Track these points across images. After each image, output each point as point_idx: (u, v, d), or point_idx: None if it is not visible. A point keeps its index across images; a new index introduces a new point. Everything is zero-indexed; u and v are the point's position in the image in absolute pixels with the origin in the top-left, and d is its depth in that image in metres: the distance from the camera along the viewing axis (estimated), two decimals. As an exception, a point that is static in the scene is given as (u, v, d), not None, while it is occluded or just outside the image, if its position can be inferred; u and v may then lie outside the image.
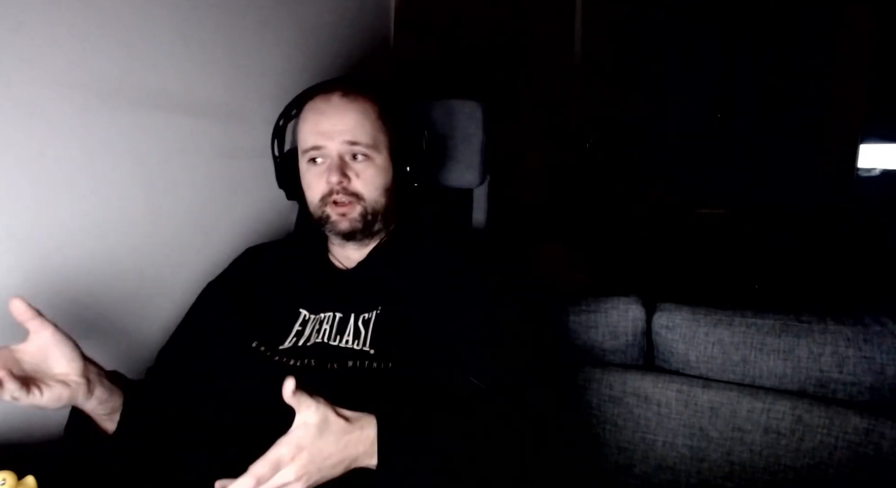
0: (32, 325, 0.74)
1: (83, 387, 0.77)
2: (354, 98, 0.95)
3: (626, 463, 1.12)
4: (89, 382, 0.78)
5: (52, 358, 0.75)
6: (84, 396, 0.77)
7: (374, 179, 0.95)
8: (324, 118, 0.94)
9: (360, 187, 0.94)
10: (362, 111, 0.94)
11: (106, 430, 0.84)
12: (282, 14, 1.32)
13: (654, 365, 1.17)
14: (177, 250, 1.15)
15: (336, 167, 0.92)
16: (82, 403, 0.78)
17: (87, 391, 0.77)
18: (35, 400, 0.72)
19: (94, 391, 0.78)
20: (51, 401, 0.73)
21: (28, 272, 0.92)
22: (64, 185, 0.96)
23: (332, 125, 0.93)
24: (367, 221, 0.95)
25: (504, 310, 0.91)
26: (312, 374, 0.86)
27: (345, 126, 0.93)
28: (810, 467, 1.01)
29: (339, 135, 0.92)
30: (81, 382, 0.76)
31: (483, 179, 1.21)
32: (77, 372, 0.76)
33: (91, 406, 0.80)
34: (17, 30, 0.87)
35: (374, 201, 0.95)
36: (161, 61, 1.07)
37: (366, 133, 0.94)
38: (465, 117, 1.19)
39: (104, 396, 0.80)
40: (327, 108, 0.94)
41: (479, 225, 1.23)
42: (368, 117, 0.94)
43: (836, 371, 1.03)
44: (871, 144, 3.14)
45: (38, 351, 0.75)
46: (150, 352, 1.01)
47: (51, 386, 0.73)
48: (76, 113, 0.96)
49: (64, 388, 0.75)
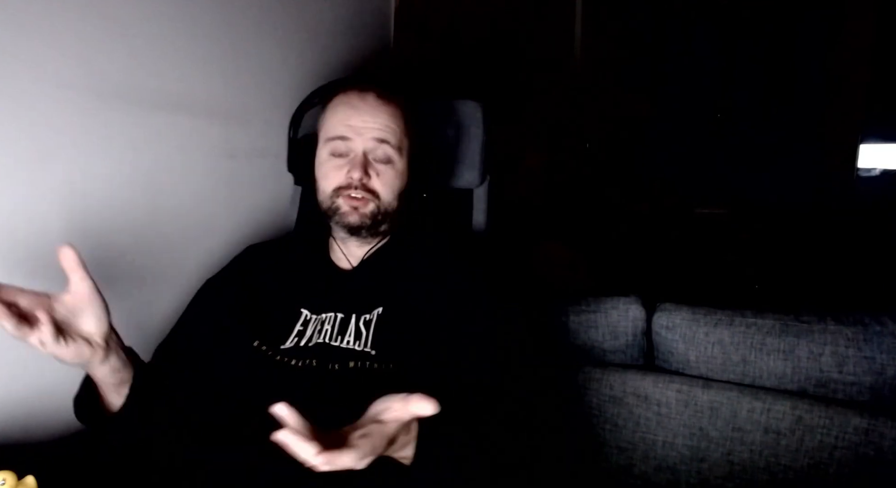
0: (75, 277, 0.75)
1: (101, 351, 0.78)
2: (389, 101, 0.97)
3: (626, 463, 1.12)
4: (107, 348, 0.79)
5: (84, 314, 0.77)
6: (100, 360, 0.78)
7: (392, 182, 0.96)
8: (357, 113, 0.95)
9: (378, 186, 0.95)
10: (394, 115, 0.97)
11: (110, 403, 0.85)
12: (282, 14, 1.32)
13: (654, 365, 1.17)
14: (177, 250, 1.15)
15: (360, 163, 0.94)
16: (96, 367, 0.80)
17: (104, 355, 0.79)
18: (59, 350, 0.73)
19: (110, 358, 0.80)
20: (72, 355, 0.75)
21: (28, 271, 0.92)
22: (64, 185, 0.96)
23: (364, 122, 0.94)
24: (377, 220, 0.96)
25: (504, 311, 0.92)
26: (313, 375, 0.86)
27: (376, 124, 0.95)
28: (810, 467, 1.01)
29: (370, 131, 0.94)
30: (102, 345, 0.78)
31: (483, 179, 1.21)
32: (101, 334, 0.78)
33: (103, 372, 0.81)
34: (18, 30, 0.87)
35: (388, 203, 0.96)
36: (161, 61, 1.07)
37: (394, 135, 0.96)
38: (465, 117, 1.19)
39: (117, 365, 0.82)
40: (362, 104, 0.96)
41: (480, 225, 1.23)
42: (398, 122, 0.97)
43: (836, 371, 1.03)
44: (871, 144, 3.14)
45: (73, 304, 0.76)
46: (148, 350, 1.01)
47: (76, 340, 0.75)
48: (76, 113, 0.96)
49: (86, 346, 0.76)
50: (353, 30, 1.57)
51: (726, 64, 3.51)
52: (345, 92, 0.99)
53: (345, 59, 1.52)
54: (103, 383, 0.83)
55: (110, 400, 0.85)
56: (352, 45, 1.55)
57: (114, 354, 0.81)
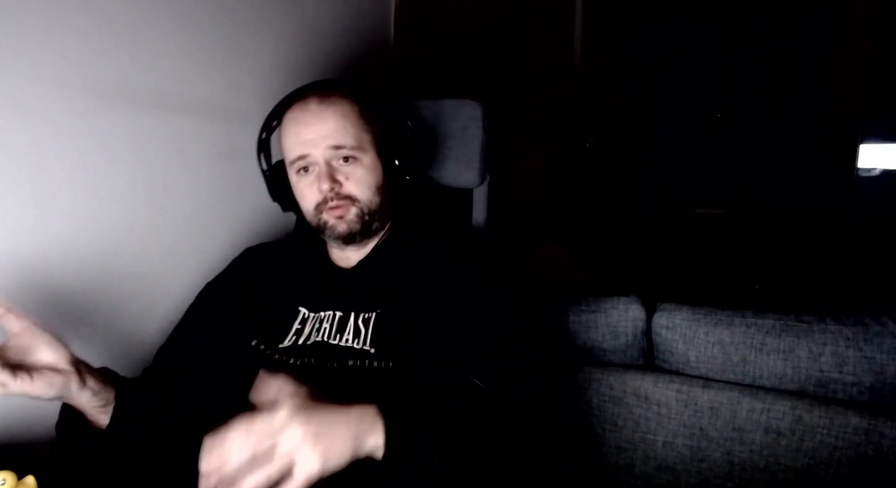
0: (8, 322, 0.74)
1: (75, 377, 0.76)
2: (331, 101, 0.93)
3: (626, 463, 1.12)
4: (80, 372, 0.77)
5: (36, 349, 0.74)
6: (77, 386, 0.76)
7: (365, 179, 0.94)
8: (304, 126, 0.92)
9: (352, 189, 0.93)
10: (341, 113, 0.93)
11: (100, 425, 0.83)
12: (282, 14, 1.32)
13: (654, 365, 1.17)
14: (176, 250, 1.15)
15: (325, 174, 0.91)
16: (77, 394, 0.77)
17: (79, 380, 0.76)
18: (25, 387, 0.70)
19: (87, 381, 0.78)
20: (43, 388, 0.72)
21: (28, 272, 0.92)
22: (64, 185, 0.96)
23: (314, 132, 0.92)
24: (365, 222, 0.95)
25: (504, 310, 0.91)
26: (312, 373, 0.86)
27: (326, 131, 0.91)
28: (810, 467, 1.01)
29: (322, 140, 0.91)
30: (72, 370, 0.75)
31: (483, 179, 1.21)
32: (65, 360, 0.75)
33: (86, 397, 0.79)
34: (18, 30, 0.87)
35: (368, 201, 0.95)
36: (161, 61, 1.07)
37: (348, 135, 0.92)
38: (465, 117, 1.19)
39: (97, 387, 0.79)
40: (305, 115, 0.93)
41: (479, 225, 1.23)
42: (349, 118, 0.93)
43: (836, 371, 1.03)
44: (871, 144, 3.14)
45: (19, 345, 0.74)
46: (148, 352, 1.01)
47: (42, 372, 0.72)
48: (76, 113, 0.96)
49: (55, 375, 0.74)
50: (353, 30, 1.57)
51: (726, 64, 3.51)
52: (289, 108, 0.96)
53: (345, 59, 1.52)
54: (88, 408, 0.81)
55: (99, 422, 0.83)
56: (352, 45, 1.55)
57: (89, 377, 0.78)
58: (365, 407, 0.68)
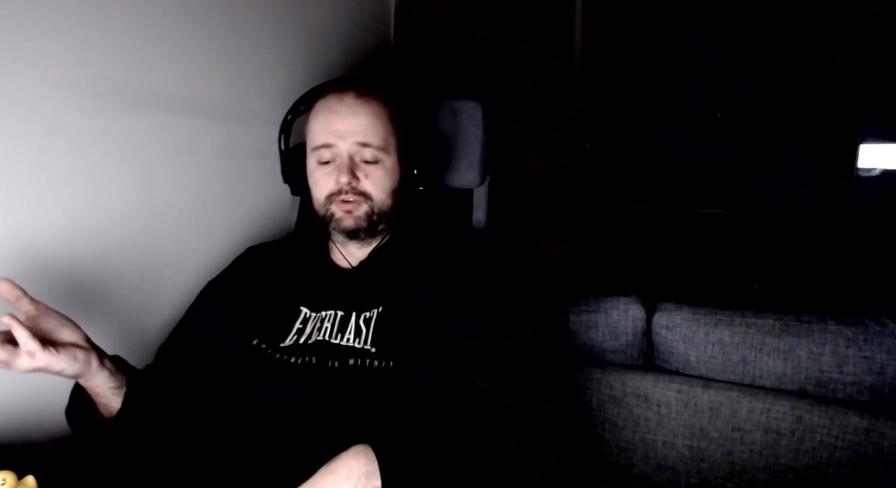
0: (22, 305, 0.76)
1: (95, 355, 0.79)
2: (367, 99, 0.95)
3: (626, 463, 1.12)
4: (98, 352, 0.80)
5: (55, 329, 0.78)
6: (97, 364, 0.79)
7: (383, 181, 0.95)
8: (336, 117, 0.94)
9: (368, 187, 0.94)
10: (374, 113, 0.95)
11: (109, 411, 0.85)
12: (282, 14, 1.32)
13: (654, 365, 1.17)
14: (177, 250, 1.15)
15: (346, 167, 0.93)
16: (96, 372, 0.80)
17: (99, 359, 0.79)
18: (51, 359, 0.73)
19: (105, 362, 0.81)
20: (68, 362, 0.75)
21: (28, 272, 0.92)
22: (64, 185, 0.96)
23: (345, 125, 0.93)
24: (372, 221, 0.95)
25: (505, 310, 0.91)
26: (313, 372, 0.86)
27: (357, 127, 0.93)
28: (810, 467, 1.01)
29: (351, 135, 0.93)
30: (90, 349, 0.79)
31: (483, 179, 1.21)
32: (83, 339, 0.79)
33: (104, 376, 0.81)
34: (18, 30, 0.87)
35: (381, 202, 0.96)
36: (161, 61, 1.07)
37: (377, 135, 0.94)
38: (465, 117, 1.19)
39: (114, 368, 0.83)
40: (340, 107, 0.94)
41: (480, 224, 1.23)
42: (380, 119, 0.95)
43: (836, 371, 1.03)
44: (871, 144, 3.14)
45: (37, 327, 0.76)
46: (149, 351, 1.01)
47: (67, 347, 0.76)
48: (76, 113, 0.96)
49: (80, 351, 0.77)
50: (353, 30, 1.57)
51: (726, 64, 3.51)
52: (324, 96, 0.97)
53: (345, 59, 1.52)
54: (104, 388, 0.83)
55: (111, 406, 0.85)
56: (352, 45, 1.55)
57: (106, 358, 0.82)
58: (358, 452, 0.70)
